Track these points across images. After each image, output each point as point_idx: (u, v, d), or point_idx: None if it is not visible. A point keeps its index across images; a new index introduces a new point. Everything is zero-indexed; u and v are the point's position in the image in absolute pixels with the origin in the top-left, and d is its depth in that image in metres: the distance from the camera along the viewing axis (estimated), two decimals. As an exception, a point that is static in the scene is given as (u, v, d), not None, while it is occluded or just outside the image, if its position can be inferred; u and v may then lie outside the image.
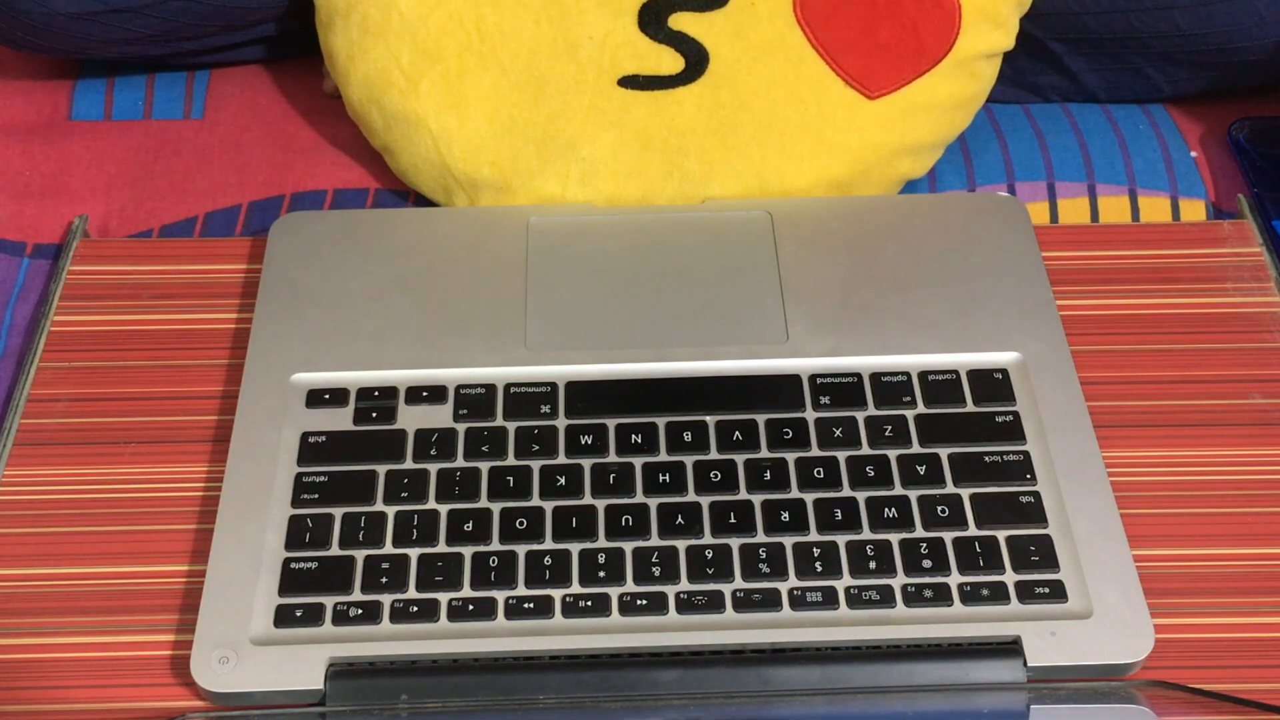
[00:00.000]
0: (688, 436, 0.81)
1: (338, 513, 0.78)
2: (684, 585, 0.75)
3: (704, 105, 0.92)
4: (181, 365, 0.87)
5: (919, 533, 0.77)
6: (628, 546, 0.77)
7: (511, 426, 0.82)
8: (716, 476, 0.79)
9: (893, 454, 0.80)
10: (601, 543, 0.77)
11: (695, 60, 0.91)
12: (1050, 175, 0.98)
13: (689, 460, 0.80)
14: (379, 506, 0.78)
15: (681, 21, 0.91)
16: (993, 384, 0.83)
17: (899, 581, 0.75)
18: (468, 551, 0.77)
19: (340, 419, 0.82)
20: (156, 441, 0.84)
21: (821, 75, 0.92)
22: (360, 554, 0.77)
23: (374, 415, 0.82)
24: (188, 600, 0.77)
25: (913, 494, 0.79)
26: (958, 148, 0.99)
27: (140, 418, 0.85)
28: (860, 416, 0.82)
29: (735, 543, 0.77)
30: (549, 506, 0.78)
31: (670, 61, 0.91)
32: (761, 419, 0.82)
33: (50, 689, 0.74)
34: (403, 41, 0.91)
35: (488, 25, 0.91)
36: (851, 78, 0.92)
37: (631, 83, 0.92)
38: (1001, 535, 0.77)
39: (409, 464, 0.80)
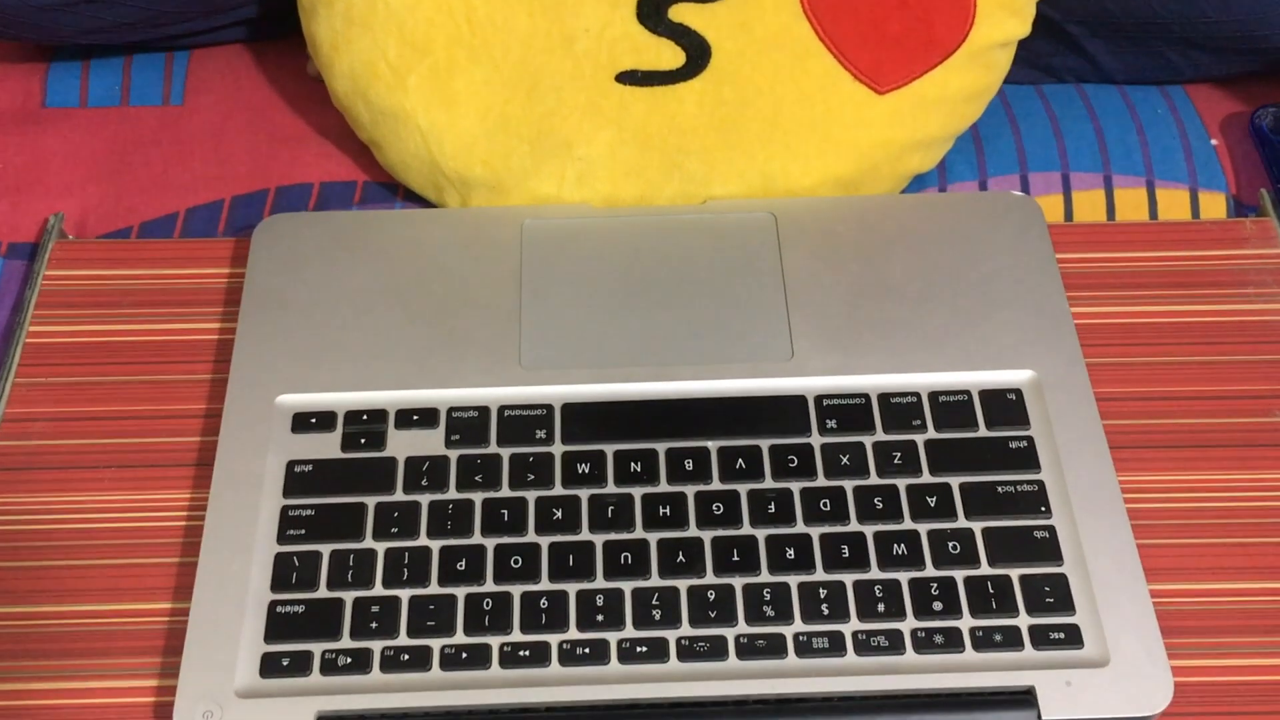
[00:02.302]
0: (689, 464, 0.78)
1: (325, 550, 0.75)
2: (685, 630, 0.73)
3: (706, 102, 0.88)
4: (163, 380, 0.84)
5: (929, 571, 0.74)
6: (627, 587, 0.74)
7: (506, 453, 0.78)
8: (719, 509, 0.76)
9: (902, 484, 0.77)
10: (599, 583, 0.74)
11: (697, 54, 0.87)
12: (1065, 165, 0.95)
13: (690, 491, 0.77)
14: (368, 543, 0.75)
15: (682, 13, 0.87)
16: (1006, 406, 0.80)
17: (908, 625, 0.73)
18: (460, 593, 0.74)
19: (328, 445, 0.79)
20: (137, 466, 0.80)
21: (829, 70, 0.88)
22: (349, 596, 0.74)
23: (363, 441, 0.79)
24: (170, 641, 0.74)
25: (923, 528, 0.76)
26: (970, 137, 0.95)
27: (120, 439, 0.82)
28: (868, 442, 0.79)
29: (738, 583, 0.74)
30: (545, 543, 0.75)
31: (670, 55, 0.87)
32: (765, 445, 0.79)
33: (29, 740, 0.72)
34: (389, 33, 0.87)
35: (479, 17, 0.87)
36: (861, 72, 0.88)
37: (630, 78, 0.88)
38: (1015, 574, 0.74)
39: (399, 495, 0.77)
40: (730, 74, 0.88)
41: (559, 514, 0.76)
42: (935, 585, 0.74)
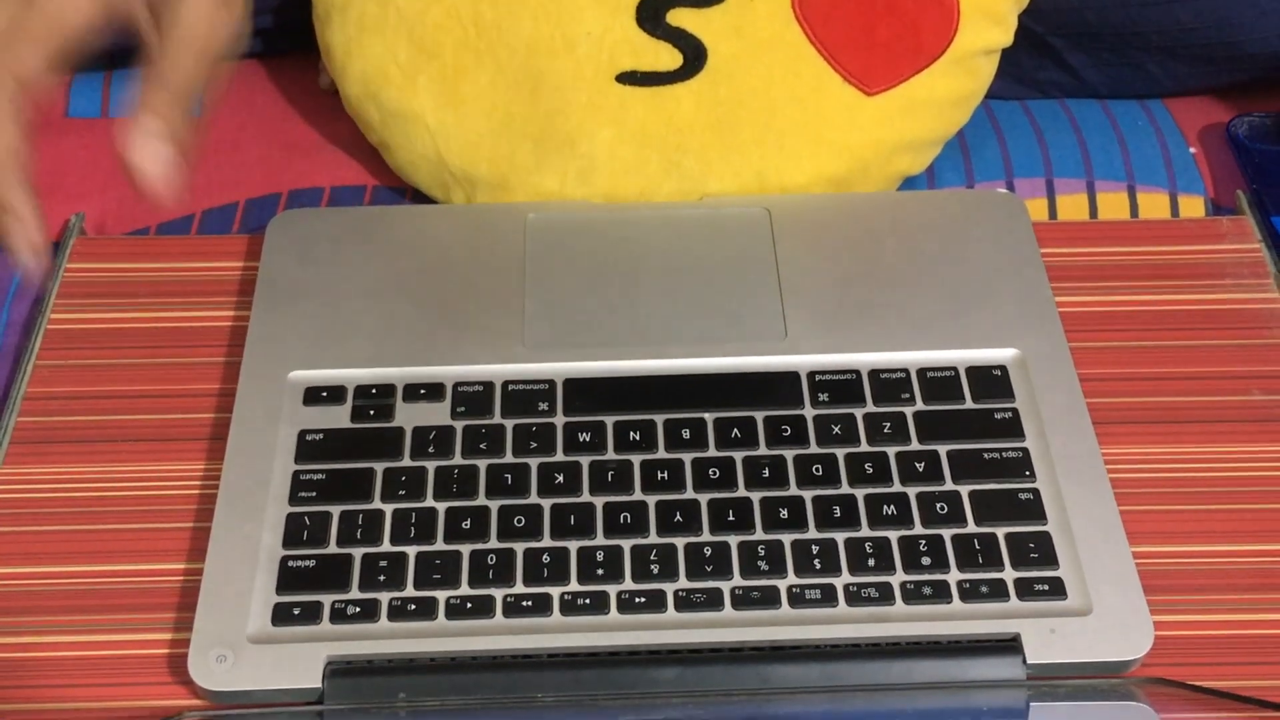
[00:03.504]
0: (686, 434, 0.81)
1: (335, 511, 0.78)
2: (682, 583, 0.75)
3: (702, 102, 0.92)
4: (178, 363, 0.87)
5: (918, 530, 0.77)
6: (626, 544, 0.76)
7: (509, 424, 0.81)
8: (715, 474, 0.79)
9: (891, 451, 0.80)
10: (600, 540, 0.77)
11: (693, 56, 0.91)
12: (1049, 172, 0.98)
13: (687, 458, 0.80)
14: (377, 504, 0.78)
15: (680, 18, 0.91)
16: (992, 381, 0.83)
17: (898, 579, 0.75)
18: (466, 549, 0.76)
19: (338, 416, 0.82)
20: (153, 439, 0.83)
21: (820, 72, 0.91)
22: (358, 552, 0.76)
23: (372, 413, 0.82)
24: (185, 599, 0.77)
25: (911, 491, 0.78)
26: (956, 145, 0.99)
27: (137, 415, 0.85)
28: (859, 414, 0.82)
29: (734, 540, 0.77)
30: (547, 504, 0.78)
31: (668, 58, 0.91)
32: (760, 416, 0.82)
33: (46, 688, 0.74)
34: (400, 37, 0.91)
35: (485, 21, 0.91)
36: (850, 75, 0.91)
37: (630, 79, 0.91)
38: (1000, 532, 0.77)
39: (407, 461, 0.80)
40: (726, 76, 0.91)
41: (560, 478, 0.79)
42: (923, 542, 0.76)
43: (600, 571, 0.75)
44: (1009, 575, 0.75)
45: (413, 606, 0.74)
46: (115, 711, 0.73)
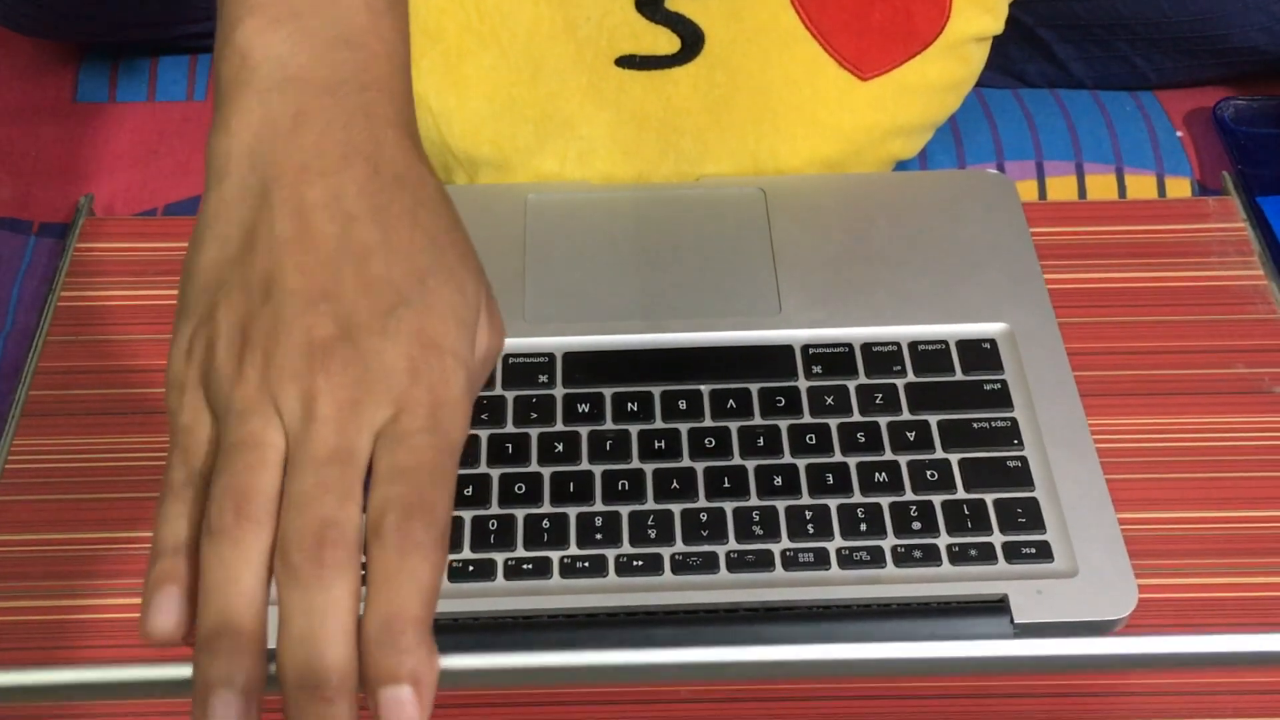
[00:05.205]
0: (683, 405, 0.83)
1: (340, 478, 0.80)
2: (679, 547, 0.77)
3: (699, 85, 0.94)
4: (186, 338, 0.89)
5: (908, 496, 0.79)
6: (624, 510, 0.78)
7: (510, 396, 0.83)
8: (711, 443, 0.81)
9: (883, 421, 0.82)
10: (598, 506, 0.79)
11: (691, 41, 0.93)
12: (1039, 155, 1.00)
13: (684, 427, 0.82)
14: (381, 472, 0.80)
15: (678, 3, 0.93)
16: (981, 353, 0.85)
17: (889, 543, 0.77)
18: (468, 515, 0.78)
19: (342, 388, 0.84)
20: (159, 412, 0.84)
21: (815, 57, 0.93)
22: (362, 517, 0.78)
23: (375, 385, 0.84)
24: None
25: (902, 459, 0.80)
26: (948, 129, 1.01)
27: (144, 389, 0.86)
28: (851, 385, 0.84)
29: (729, 506, 0.78)
30: (547, 472, 0.80)
31: (667, 42, 0.93)
32: (755, 388, 0.83)
33: (62, 649, 0.76)
34: (403, 22, 0.93)
35: (487, 6, 0.93)
36: (845, 59, 0.93)
37: (629, 63, 0.93)
38: (989, 498, 0.79)
39: (410, 431, 0.82)
40: (722, 59, 0.93)
41: (560, 447, 0.81)
42: (914, 508, 0.78)
43: (599, 536, 0.77)
44: (997, 539, 0.77)
45: (416, 569, 0.76)
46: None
